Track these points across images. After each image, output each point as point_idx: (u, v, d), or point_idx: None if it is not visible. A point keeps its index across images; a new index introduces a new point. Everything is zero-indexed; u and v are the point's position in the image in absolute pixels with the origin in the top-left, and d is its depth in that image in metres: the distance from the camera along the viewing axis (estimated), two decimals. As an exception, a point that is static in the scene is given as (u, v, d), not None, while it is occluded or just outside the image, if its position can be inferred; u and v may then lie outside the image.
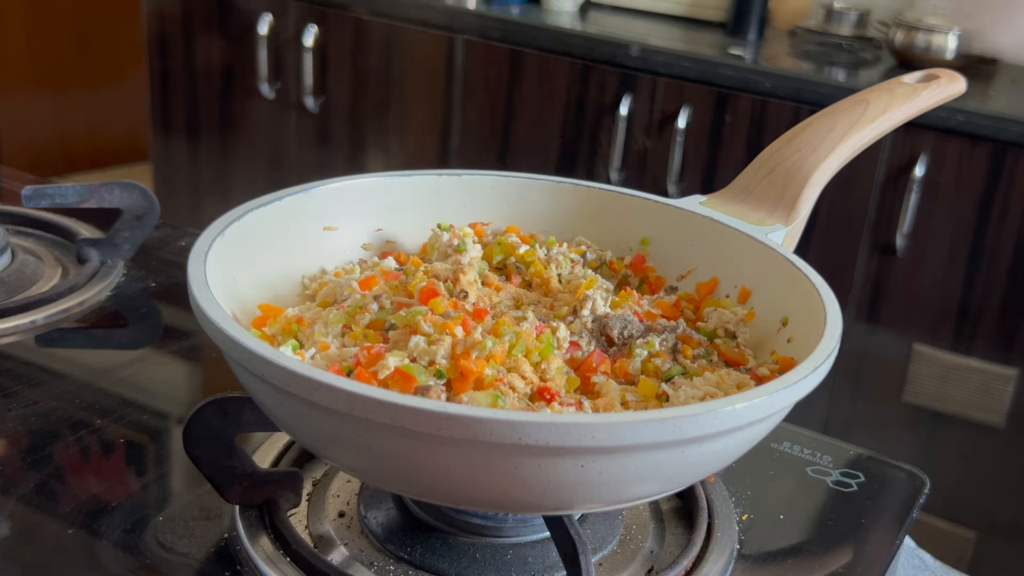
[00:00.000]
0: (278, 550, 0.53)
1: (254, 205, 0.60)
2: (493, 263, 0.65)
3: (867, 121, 0.69)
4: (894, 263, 1.58)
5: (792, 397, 0.46)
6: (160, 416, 0.68)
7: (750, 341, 0.59)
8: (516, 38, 1.82)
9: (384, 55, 1.97)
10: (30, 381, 0.69)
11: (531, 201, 0.69)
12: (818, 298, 0.55)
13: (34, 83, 3.02)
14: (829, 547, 0.60)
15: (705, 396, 0.52)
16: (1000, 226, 1.50)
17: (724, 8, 1.97)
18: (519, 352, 0.52)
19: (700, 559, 0.56)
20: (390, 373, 0.49)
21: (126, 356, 0.77)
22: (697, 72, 1.68)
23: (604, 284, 0.62)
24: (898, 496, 0.65)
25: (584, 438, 0.41)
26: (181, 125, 2.26)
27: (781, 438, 0.69)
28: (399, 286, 0.58)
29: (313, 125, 2.08)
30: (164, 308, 0.83)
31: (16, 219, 0.91)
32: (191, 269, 0.51)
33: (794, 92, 1.60)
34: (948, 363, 1.57)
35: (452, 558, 0.53)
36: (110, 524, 0.55)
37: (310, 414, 0.45)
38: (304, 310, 0.58)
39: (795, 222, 0.65)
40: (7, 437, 0.63)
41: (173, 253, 0.90)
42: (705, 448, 0.45)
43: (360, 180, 0.66)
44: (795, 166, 0.66)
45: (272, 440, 0.62)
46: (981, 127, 1.48)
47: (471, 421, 0.41)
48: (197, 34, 2.17)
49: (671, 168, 1.70)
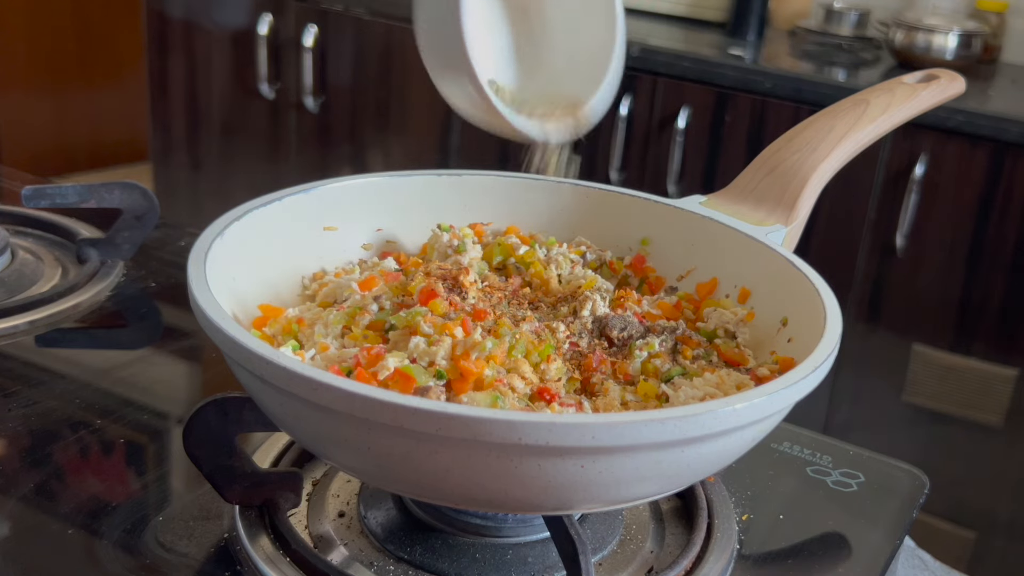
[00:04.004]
0: (278, 550, 0.53)
1: (254, 205, 0.60)
2: (493, 263, 0.65)
3: (867, 121, 0.69)
4: (894, 263, 1.58)
5: (792, 397, 0.46)
6: (160, 416, 0.68)
7: (750, 341, 0.59)
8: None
9: (384, 55, 1.97)
10: (30, 381, 0.69)
11: (531, 201, 0.69)
12: (818, 298, 0.55)
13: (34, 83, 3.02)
14: (829, 547, 0.60)
15: (705, 396, 0.52)
16: (1000, 226, 1.50)
17: (724, 8, 1.97)
18: (519, 353, 0.52)
19: (700, 559, 0.56)
20: (390, 374, 0.49)
21: (126, 356, 0.77)
22: (697, 72, 1.68)
23: (604, 284, 0.62)
24: (898, 496, 0.65)
25: (584, 438, 0.41)
26: (181, 125, 2.26)
27: (781, 438, 0.69)
28: (399, 287, 0.58)
29: (313, 125, 2.08)
30: (164, 308, 0.83)
31: (16, 219, 0.91)
32: (191, 269, 0.51)
33: (794, 92, 1.60)
34: (948, 363, 1.57)
35: (452, 558, 0.53)
36: (110, 524, 0.55)
37: (310, 414, 0.45)
38: (304, 310, 0.58)
39: (795, 222, 0.65)
40: (7, 437, 0.63)
41: (173, 253, 0.90)
42: (705, 448, 0.45)
43: (360, 180, 0.66)
44: (795, 166, 0.66)
45: (272, 440, 0.62)
46: (981, 127, 1.48)
47: (471, 421, 0.41)
48: (197, 34, 2.17)
49: (671, 168, 1.70)
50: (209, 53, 2.16)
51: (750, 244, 0.62)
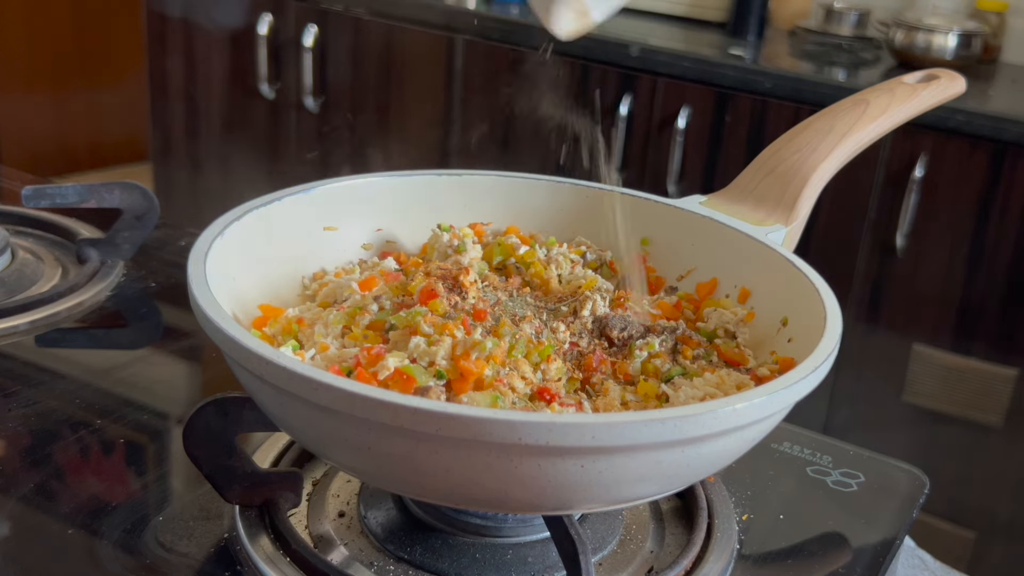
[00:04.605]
0: (278, 550, 0.53)
1: (254, 205, 0.60)
2: (493, 263, 0.65)
3: (867, 121, 0.69)
4: (894, 263, 1.58)
5: (792, 397, 0.46)
6: (160, 416, 0.68)
7: (750, 341, 0.59)
8: (516, 38, 1.82)
9: (384, 55, 1.97)
10: (30, 381, 0.69)
11: (531, 201, 0.69)
12: (818, 298, 0.55)
13: (34, 83, 3.02)
14: (829, 547, 0.60)
15: (705, 396, 0.52)
16: (1000, 226, 1.50)
17: (724, 8, 1.97)
18: (519, 353, 0.52)
19: (700, 559, 0.56)
20: (390, 374, 0.49)
21: (126, 356, 0.77)
22: (697, 72, 1.68)
23: (604, 284, 0.62)
24: (898, 496, 0.65)
25: (584, 438, 0.41)
26: (181, 125, 2.26)
27: (781, 438, 0.69)
28: (399, 287, 0.58)
29: (313, 125, 2.08)
30: (164, 308, 0.83)
31: (16, 219, 0.91)
32: (191, 269, 0.51)
33: (794, 92, 1.60)
34: (948, 363, 1.57)
35: (452, 558, 0.53)
36: (110, 524, 0.55)
37: (310, 414, 0.45)
38: (304, 310, 0.58)
39: (795, 222, 0.65)
40: (7, 437, 0.63)
41: (173, 253, 0.90)
42: (705, 448, 0.45)
43: (360, 180, 0.66)
44: (795, 166, 0.66)
45: (272, 440, 0.62)
46: (981, 127, 1.48)
47: (471, 421, 0.41)
48: (197, 34, 2.17)
49: (671, 168, 1.70)
50: (209, 53, 2.16)
51: (750, 244, 0.62)
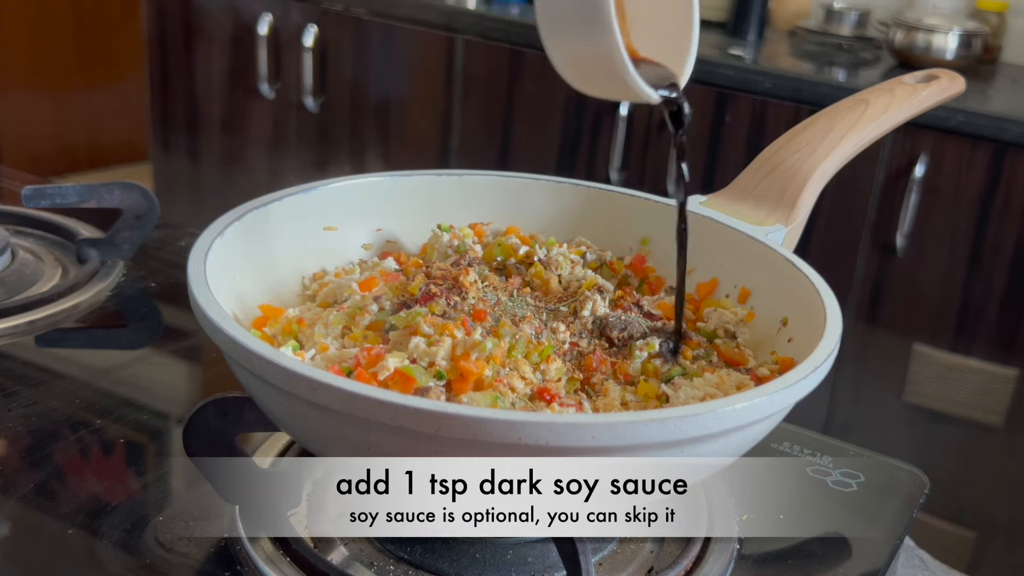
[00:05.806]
0: (278, 550, 0.53)
1: (254, 205, 0.60)
2: (493, 264, 0.65)
3: (867, 121, 0.69)
4: (894, 263, 1.58)
5: (792, 397, 0.46)
6: (160, 416, 0.68)
7: (750, 341, 0.59)
8: (516, 38, 1.82)
9: (384, 55, 1.97)
10: (30, 381, 0.69)
11: (531, 201, 0.69)
12: (818, 298, 0.55)
13: (34, 83, 3.02)
14: (829, 547, 0.60)
15: (705, 397, 0.52)
16: (1000, 226, 1.50)
17: (724, 8, 1.97)
18: (519, 353, 0.52)
19: (700, 559, 0.56)
20: (390, 374, 0.49)
21: (126, 356, 0.77)
22: (697, 72, 1.66)
23: (604, 284, 0.62)
24: (898, 496, 0.65)
25: (584, 438, 0.41)
26: (181, 125, 2.26)
27: (781, 438, 0.69)
28: (399, 287, 0.58)
29: (313, 125, 2.08)
30: (164, 308, 0.83)
31: (16, 219, 0.91)
32: (191, 269, 0.51)
33: (794, 92, 1.60)
34: (948, 363, 1.57)
35: (452, 558, 0.53)
36: (110, 524, 0.55)
37: (310, 414, 0.45)
38: (304, 311, 0.58)
39: (795, 222, 0.65)
40: (7, 437, 0.63)
41: (173, 253, 0.90)
42: (705, 448, 0.45)
43: (360, 180, 0.66)
44: (795, 166, 0.66)
45: (272, 440, 0.62)
46: (981, 127, 1.48)
47: (471, 421, 0.41)
48: (197, 34, 2.17)
49: (671, 168, 1.70)
50: (209, 53, 2.16)
51: (750, 244, 0.62)
